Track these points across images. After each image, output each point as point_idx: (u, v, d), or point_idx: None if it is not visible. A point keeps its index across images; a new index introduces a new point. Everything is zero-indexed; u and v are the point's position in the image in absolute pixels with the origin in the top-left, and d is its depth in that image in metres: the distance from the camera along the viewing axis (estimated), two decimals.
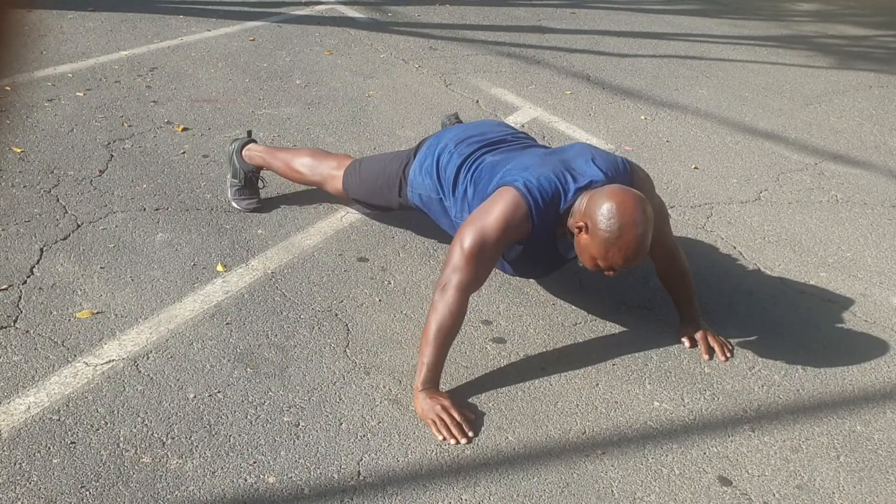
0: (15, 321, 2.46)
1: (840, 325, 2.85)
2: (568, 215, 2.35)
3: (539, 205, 2.32)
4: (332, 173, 3.07)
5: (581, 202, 2.32)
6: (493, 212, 2.32)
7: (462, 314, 2.29)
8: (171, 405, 2.20)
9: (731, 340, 2.70)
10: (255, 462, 2.05)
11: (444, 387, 2.35)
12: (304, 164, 3.12)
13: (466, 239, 2.30)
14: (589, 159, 2.44)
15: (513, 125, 4.28)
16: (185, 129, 3.87)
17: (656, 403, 2.40)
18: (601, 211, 2.21)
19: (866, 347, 2.74)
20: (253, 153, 3.20)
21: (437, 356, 2.27)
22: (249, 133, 3.33)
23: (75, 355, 2.35)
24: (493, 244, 2.30)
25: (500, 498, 2.02)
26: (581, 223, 2.26)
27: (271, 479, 2.01)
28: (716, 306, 2.89)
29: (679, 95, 5.08)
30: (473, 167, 2.59)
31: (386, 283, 2.85)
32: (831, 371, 2.61)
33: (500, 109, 4.55)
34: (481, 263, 2.30)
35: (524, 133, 2.86)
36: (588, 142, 4.21)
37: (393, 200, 2.91)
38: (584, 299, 2.85)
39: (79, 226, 2.99)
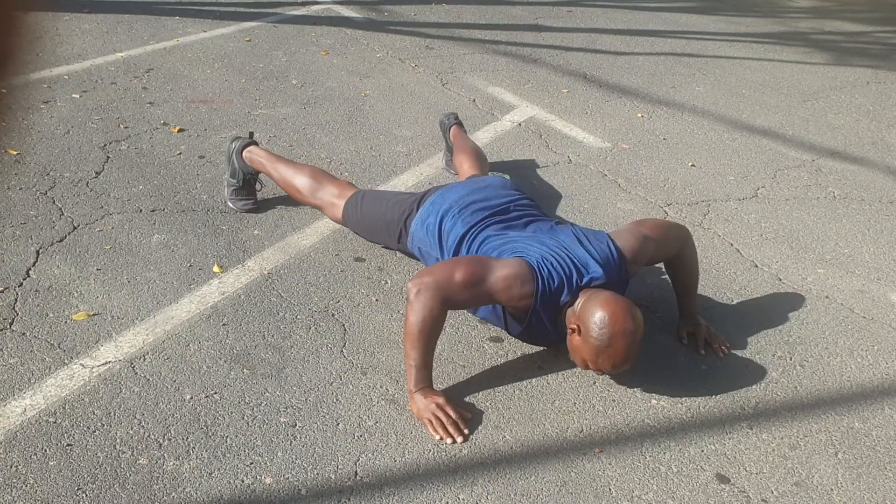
0: (11, 323, 2.45)
1: (838, 322, 2.85)
2: (566, 307, 2.38)
3: (546, 291, 2.35)
4: (332, 201, 3.05)
5: (578, 303, 2.36)
6: (504, 270, 2.33)
7: (443, 317, 2.30)
8: (168, 406, 2.20)
9: (729, 338, 2.70)
10: (252, 463, 2.05)
11: (440, 385, 2.35)
12: (304, 184, 3.09)
13: (467, 270, 2.30)
14: (588, 253, 2.45)
15: (510, 123, 4.28)
16: (181, 131, 3.86)
17: (654, 401, 2.40)
18: (594, 320, 2.26)
19: (864, 344, 2.74)
20: (254, 157, 3.18)
21: (424, 357, 2.27)
22: (251, 134, 3.31)
23: (71, 357, 2.34)
24: (484, 293, 2.32)
25: (497, 497, 2.01)
26: (574, 325, 2.31)
27: (268, 480, 2.00)
28: (713, 303, 2.89)
29: (676, 93, 5.08)
30: (476, 242, 2.60)
31: (382, 282, 2.85)
32: (829, 368, 2.61)
33: (497, 108, 4.54)
34: (465, 296, 2.31)
35: (526, 198, 2.83)
36: (585, 140, 4.21)
37: (391, 244, 2.94)
38: None
39: (75, 228, 2.98)
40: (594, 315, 2.27)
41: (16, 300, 2.56)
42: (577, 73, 5.31)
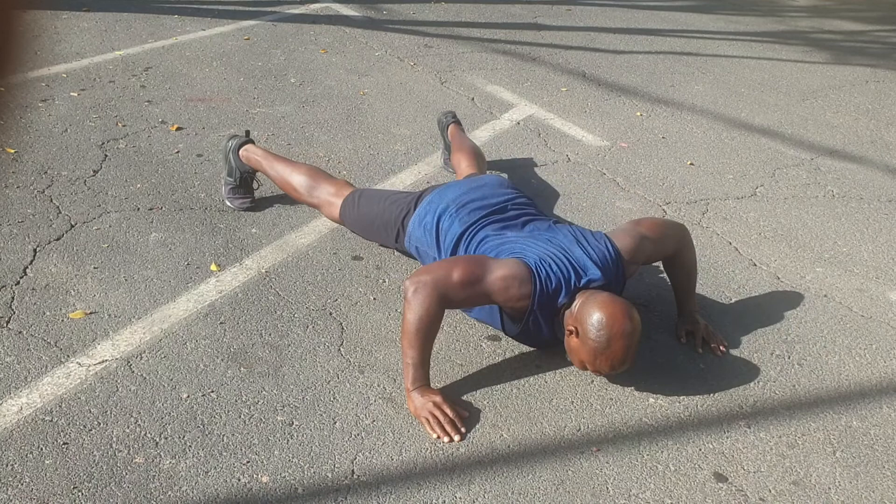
0: (8, 322, 2.45)
1: (836, 321, 2.84)
2: (564, 308, 2.38)
3: (544, 292, 2.35)
4: (329, 200, 3.03)
5: (576, 304, 2.35)
6: (501, 270, 2.33)
7: (441, 315, 2.29)
8: (165, 405, 2.19)
9: (727, 336, 2.70)
10: (248, 461, 2.04)
11: (438, 384, 2.35)
12: (301, 183, 3.08)
13: (465, 269, 2.30)
14: (585, 254, 2.44)
15: (508, 122, 4.27)
16: (179, 129, 3.86)
17: (651, 400, 2.40)
18: (591, 321, 2.26)
19: (862, 343, 2.74)
20: (250, 155, 3.18)
21: (421, 355, 2.27)
22: (247, 133, 3.31)
23: (68, 356, 2.34)
24: (481, 293, 2.31)
25: (494, 496, 2.01)
26: (572, 327, 2.31)
27: (265, 479, 2.00)
28: (712, 302, 2.88)
29: (675, 92, 5.07)
30: (474, 242, 2.59)
31: (380, 281, 2.84)
32: (827, 366, 2.61)
33: (496, 107, 4.54)
34: (463, 294, 2.31)
35: (523, 196, 2.83)
36: (584, 139, 4.21)
37: (389, 243, 2.93)
38: None
39: (72, 226, 2.98)
40: (592, 317, 2.27)
41: (13, 298, 2.56)
42: (576, 71, 5.31)
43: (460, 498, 1.99)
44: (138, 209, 3.14)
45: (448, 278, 2.28)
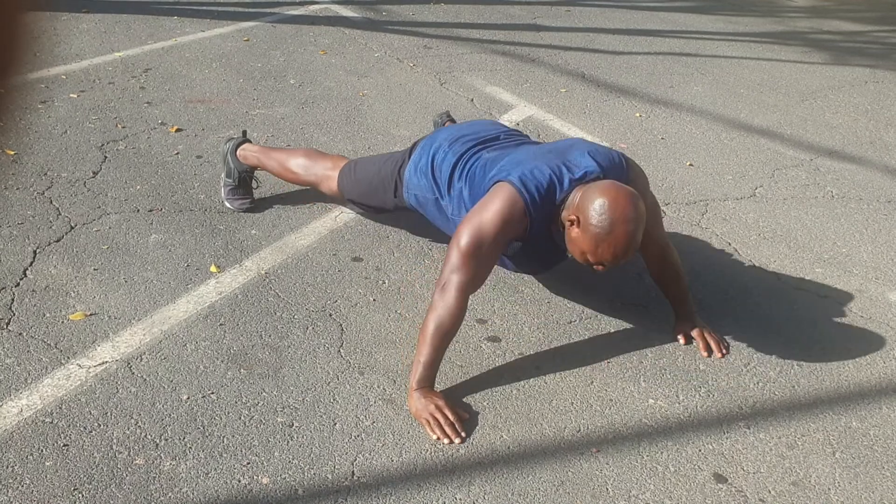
0: (8, 323, 2.45)
1: (835, 321, 2.85)
2: (563, 207, 2.35)
3: (535, 199, 2.32)
4: (326, 174, 3.07)
5: (575, 195, 2.32)
6: (490, 209, 2.32)
7: (461, 315, 2.28)
8: (165, 407, 2.20)
9: (727, 337, 2.70)
10: (248, 463, 2.04)
11: (438, 386, 2.35)
12: (298, 164, 3.13)
13: (464, 238, 2.29)
14: (585, 152, 2.44)
15: (507, 124, 4.28)
16: (178, 130, 3.86)
17: (651, 401, 2.40)
18: (593, 206, 2.21)
19: (862, 343, 2.74)
20: (247, 153, 3.20)
21: (433, 356, 2.26)
22: (244, 133, 3.33)
23: (68, 357, 2.34)
24: (491, 242, 2.30)
25: (494, 497, 2.01)
26: (573, 217, 2.27)
27: (265, 480, 2.00)
28: (711, 303, 2.89)
29: (674, 92, 5.08)
30: (468, 166, 2.60)
31: (380, 282, 2.84)
32: (827, 367, 2.61)
33: (495, 108, 4.54)
34: (480, 262, 2.30)
35: (517, 130, 2.87)
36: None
37: (388, 201, 2.92)
38: (579, 297, 2.84)
39: (72, 227, 2.98)
40: (594, 202, 2.20)
41: (13, 300, 2.56)
42: (576, 72, 5.31)
43: (460, 499, 1.99)
44: (138, 211, 3.14)
45: (458, 262, 2.26)
